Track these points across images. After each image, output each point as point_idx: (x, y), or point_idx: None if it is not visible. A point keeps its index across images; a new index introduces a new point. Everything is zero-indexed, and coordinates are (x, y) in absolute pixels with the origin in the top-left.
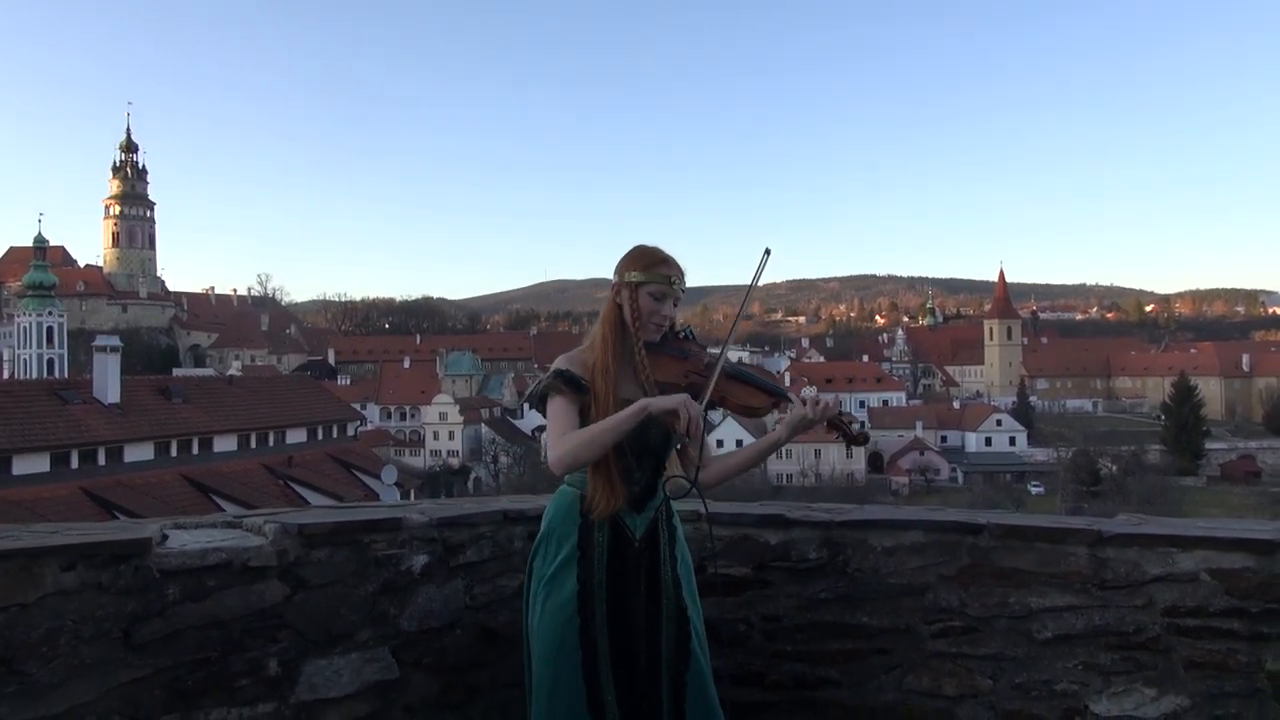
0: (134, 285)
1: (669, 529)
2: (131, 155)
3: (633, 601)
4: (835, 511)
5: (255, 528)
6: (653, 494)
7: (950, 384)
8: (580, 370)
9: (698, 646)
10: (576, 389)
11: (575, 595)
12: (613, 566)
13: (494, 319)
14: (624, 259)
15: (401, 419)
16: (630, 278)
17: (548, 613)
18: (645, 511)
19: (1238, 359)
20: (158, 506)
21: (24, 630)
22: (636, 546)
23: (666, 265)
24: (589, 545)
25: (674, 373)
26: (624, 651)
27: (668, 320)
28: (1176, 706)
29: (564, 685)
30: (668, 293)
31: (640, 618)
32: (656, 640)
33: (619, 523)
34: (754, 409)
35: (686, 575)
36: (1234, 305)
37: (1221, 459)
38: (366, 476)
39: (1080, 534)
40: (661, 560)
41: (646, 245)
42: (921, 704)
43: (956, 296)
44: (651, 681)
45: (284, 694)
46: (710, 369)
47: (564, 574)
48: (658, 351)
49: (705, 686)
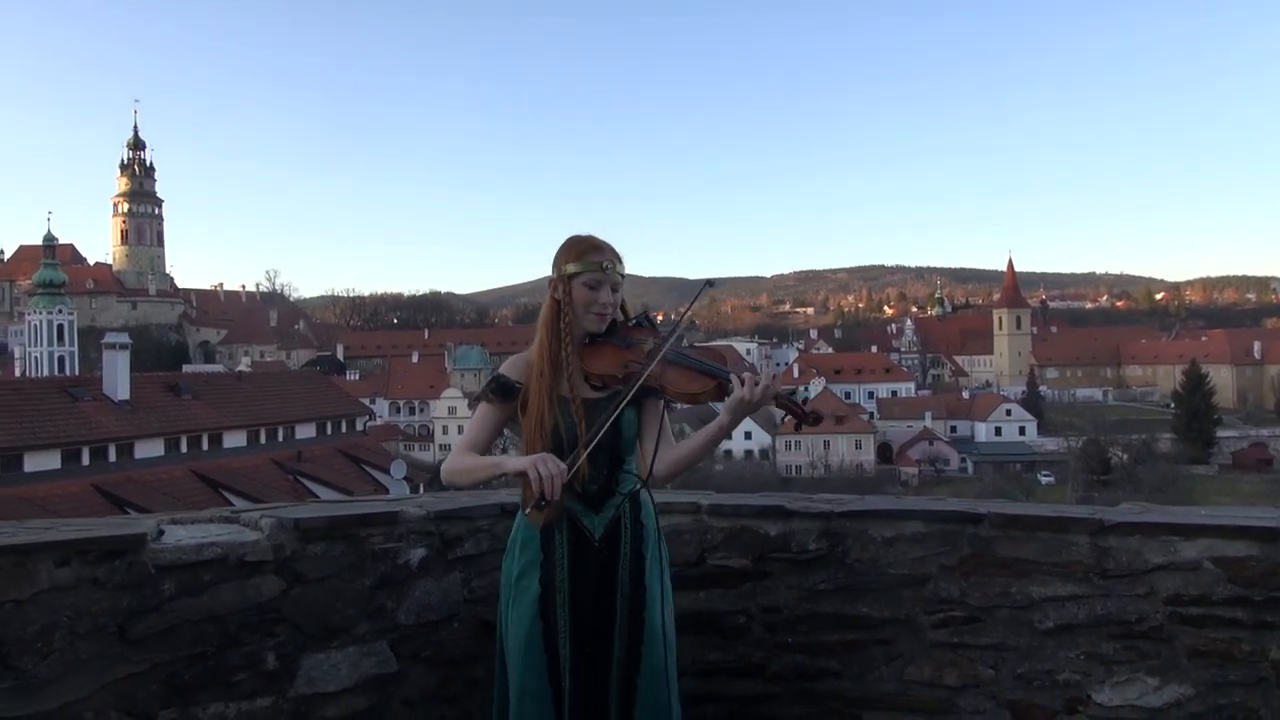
0: (143, 282)
1: (634, 526)
2: (139, 152)
3: (593, 603)
4: (835, 502)
5: (252, 522)
6: (611, 493)
7: (959, 374)
8: (520, 372)
9: (655, 646)
10: (504, 396)
11: (538, 599)
12: (574, 568)
13: (502, 313)
14: (558, 251)
15: (410, 413)
16: (565, 270)
17: (514, 617)
18: (604, 511)
19: (1249, 346)
20: (168, 502)
21: (19, 626)
22: (596, 546)
23: (598, 252)
24: (550, 547)
25: (614, 364)
26: (587, 656)
27: (608, 308)
28: (1180, 695)
29: (531, 689)
30: (602, 279)
31: (597, 619)
32: (609, 640)
33: (576, 523)
34: (695, 395)
35: (654, 572)
36: (1245, 292)
37: (1233, 447)
38: (376, 471)
39: (1082, 523)
40: (620, 560)
41: (578, 235)
42: (923, 694)
43: (965, 286)
44: (602, 681)
45: (282, 688)
46: (651, 356)
47: (528, 577)
48: (602, 342)
49: (658, 688)
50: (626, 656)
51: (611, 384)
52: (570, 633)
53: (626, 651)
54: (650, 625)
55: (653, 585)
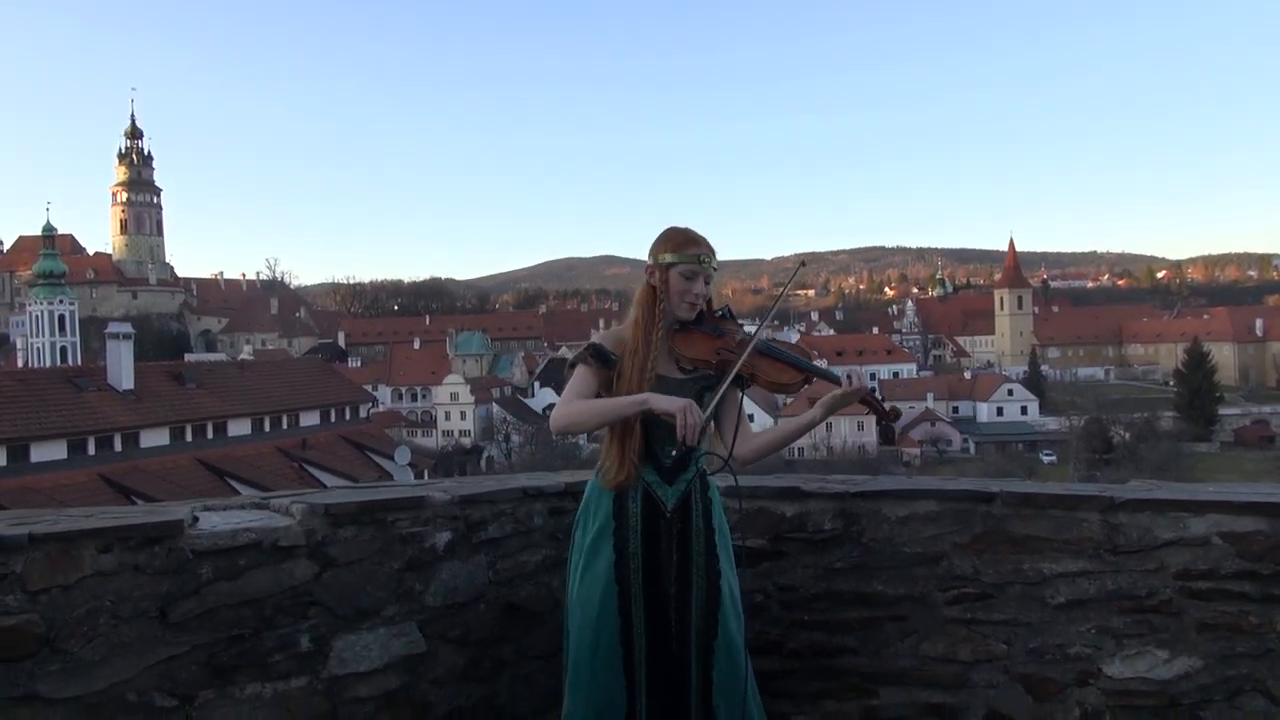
0: (143, 272)
1: (704, 501)
2: (137, 141)
3: (666, 570)
4: (850, 483)
5: (282, 508)
6: (685, 468)
7: (961, 354)
8: (614, 345)
9: (728, 615)
10: (603, 362)
11: (612, 564)
12: (646, 536)
13: (503, 298)
14: (656, 241)
15: (413, 400)
16: (662, 259)
17: (587, 581)
18: (677, 484)
19: (1251, 324)
20: (174, 491)
21: (65, 610)
22: (668, 517)
23: (696, 245)
24: (623, 516)
25: (706, 350)
26: (658, 619)
27: (700, 298)
28: (1189, 668)
29: (604, 650)
30: (698, 271)
31: (672, 586)
32: (686, 608)
33: (650, 494)
34: (784, 385)
35: (724, 545)
36: (1246, 270)
37: (1235, 424)
38: (380, 458)
39: (1092, 501)
40: (693, 531)
41: (677, 226)
42: (937, 669)
43: (966, 266)
44: (682, 648)
45: (316, 669)
46: (742, 346)
47: (601, 544)
48: (693, 329)
49: (734, 654)
50: (704, 624)
51: (703, 368)
52: (644, 597)
53: (704, 620)
54: (725, 595)
55: (724, 557)
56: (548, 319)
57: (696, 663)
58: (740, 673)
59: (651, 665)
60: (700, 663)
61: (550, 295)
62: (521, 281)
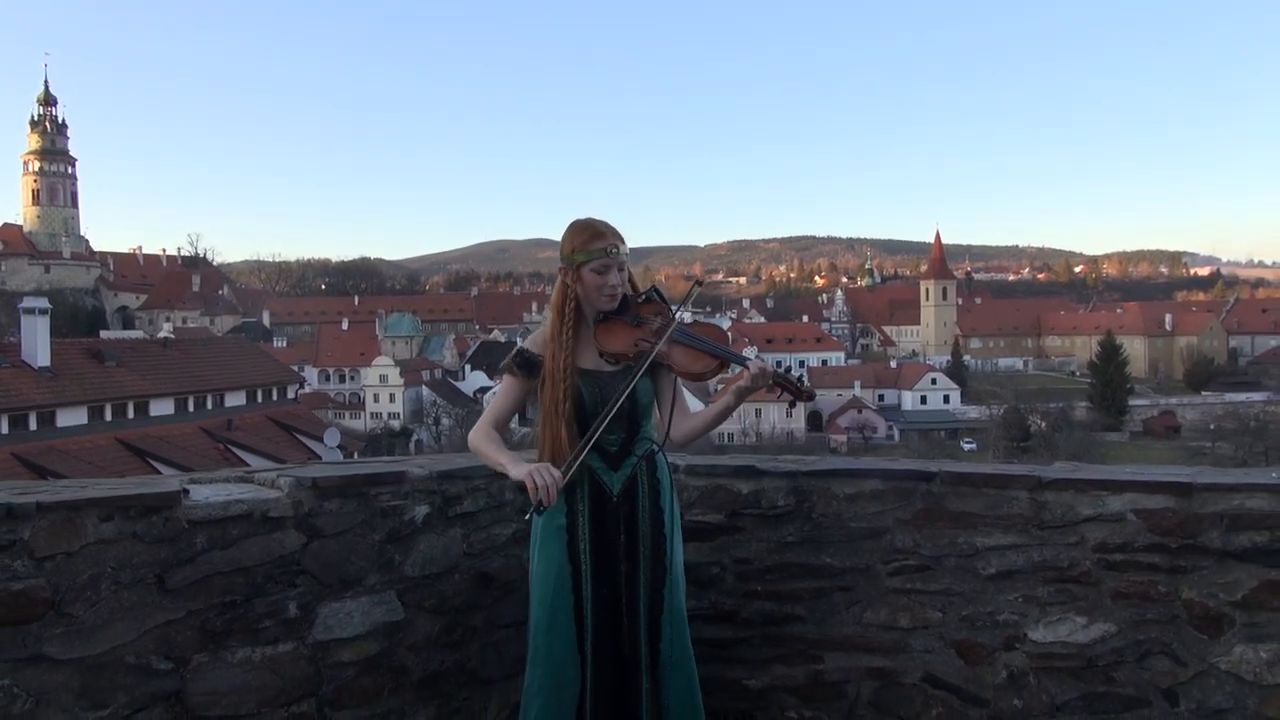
0: (56, 245)
1: (651, 483)
2: (50, 109)
3: (614, 550)
4: (801, 462)
5: (268, 481)
6: (629, 453)
7: (888, 344)
8: (541, 347)
9: (673, 592)
10: (528, 370)
11: (565, 545)
12: (594, 519)
13: (434, 280)
14: (563, 239)
15: (341, 381)
16: (573, 259)
17: (542, 560)
18: (622, 469)
19: (1161, 318)
20: (92, 471)
21: (70, 576)
22: (615, 501)
23: (602, 238)
24: (573, 500)
25: (624, 342)
26: (608, 596)
27: (617, 289)
28: (1104, 632)
29: (559, 625)
30: (609, 264)
31: (621, 564)
32: (635, 586)
33: (596, 480)
34: (699, 374)
35: (671, 526)
36: (1158, 266)
37: (1144, 415)
38: (308, 439)
39: (1022, 480)
40: (640, 513)
41: (581, 220)
42: (879, 636)
43: (894, 257)
44: (631, 624)
45: (302, 634)
46: (659, 335)
47: (554, 526)
48: (613, 320)
49: (680, 628)
50: (651, 600)
51: (624, 360)
52: (592, 574)
53: (651, 595)
54: (672, 571)
55: (671, 536)
56: (479, 301)
57: (645, 637)
58: (684, 644)
59: (600, 640)
60: (648, 637)
61: (482, 278)
62: (453, 263)
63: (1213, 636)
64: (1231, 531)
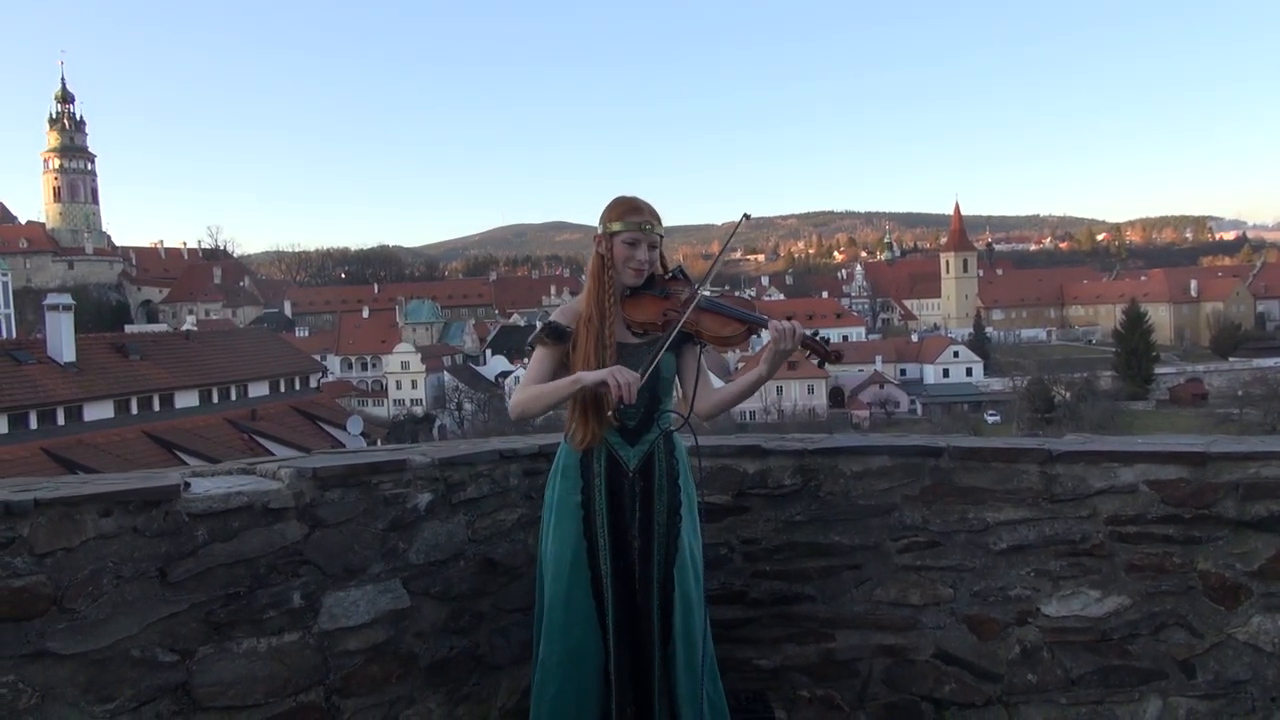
0: (79, 241)
1: (669, 460)
2: (68, 106)
3: (629, 526)
4: (807, 440)
5: (270, 473)
6: (648, 428)
7: (909, 317)
8: (569, 319)
9: (686, 569)
10: (558, 339)
11: (581, 521)
12: (611, 494)
13: (452, 265)
14: (603, 211)
15: (363, 369)
16: (608, 229)
17: (558, 537)
18: (639, 444)
19: (1186, 285)
20: (121, 464)
21: (71, 572)
22: (631, 476)
23: (638, 213)
24: (589, 475)
25: (653, 312)
26: (623, 571)
27: (644, 264)
28: (1119, 605)
29: (576, 601)
30: (640, 238)
31: (636, 540)
32: (649, 562)
33: (613, 454)
34: (727, 339)
35: (688, 504)
36: (1183, 232)
37: (1170, 383)
38: (332, 428)
39: (1032, 453)
40: (656, 489)
41: (622, 195)
42: (889, 613)
43: (913, 230)
44: (645, 599)
45: (307, 624)
46: (687, 304)
47: (570, 502)
48: (641, 293)
49: (690, 606)
50: (664, 577)
51: (652, 330)
52: (610, 550)
53: (663, 573)
54: (685, 551)
55: (687, 516)
56: (498, 286)
57: (658, 612)
58: (695, 621)
59: (618, 614)
60: (661, 612)
61: (500, 262)
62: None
63: (1229, 607)
64: (1247, 501)
